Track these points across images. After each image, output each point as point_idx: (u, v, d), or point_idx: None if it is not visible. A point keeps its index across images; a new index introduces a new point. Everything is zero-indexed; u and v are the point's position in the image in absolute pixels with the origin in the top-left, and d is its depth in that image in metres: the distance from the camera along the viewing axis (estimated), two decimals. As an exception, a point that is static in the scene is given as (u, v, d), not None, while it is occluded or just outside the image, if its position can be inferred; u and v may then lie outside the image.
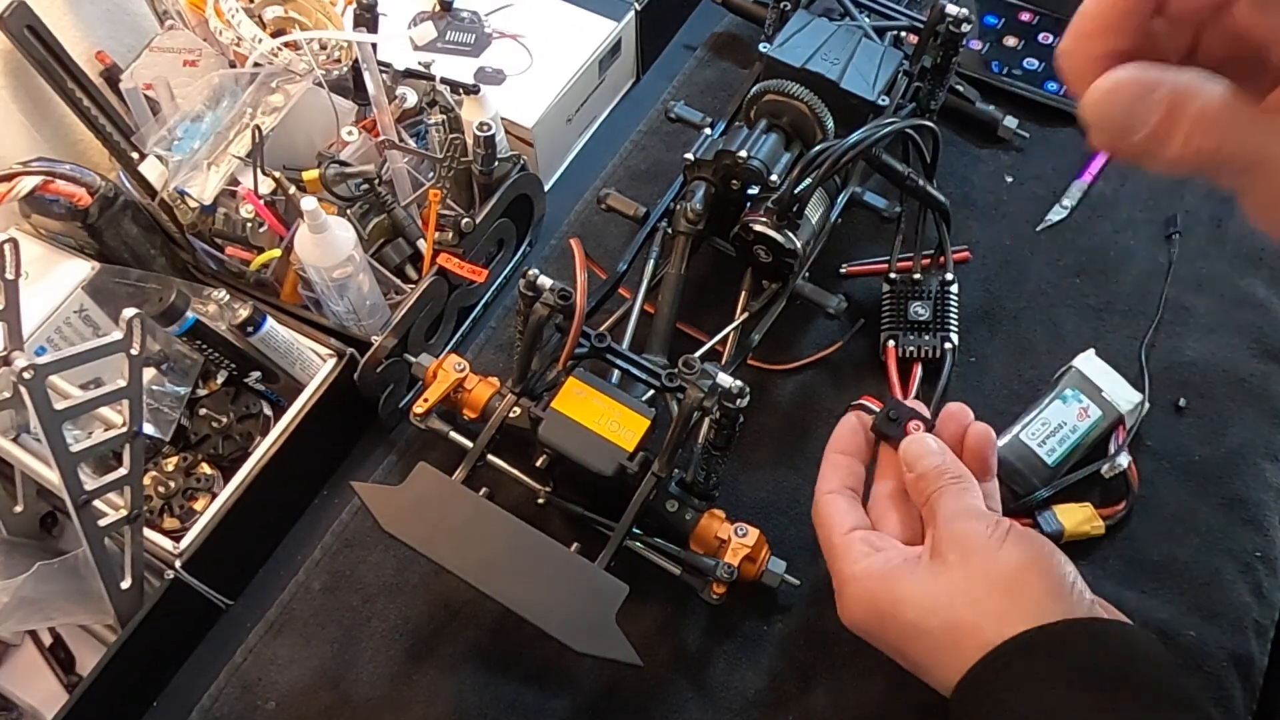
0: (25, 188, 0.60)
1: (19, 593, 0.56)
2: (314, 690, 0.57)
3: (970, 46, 0.81)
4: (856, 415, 0.54)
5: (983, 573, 0.44)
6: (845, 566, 0.48)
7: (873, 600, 0.47)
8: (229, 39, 0.66)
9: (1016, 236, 0.73)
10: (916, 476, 0.50)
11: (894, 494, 0.52)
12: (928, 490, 0.49)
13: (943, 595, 0.45)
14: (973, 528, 0.46)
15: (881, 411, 0.53)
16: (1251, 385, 0.66)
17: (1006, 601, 0.43)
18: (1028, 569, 0.44)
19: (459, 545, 0.50)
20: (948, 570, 0.45)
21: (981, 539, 0.45)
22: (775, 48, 0.64)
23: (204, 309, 0.61)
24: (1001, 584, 0.44)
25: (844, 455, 0.54)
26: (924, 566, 0.46)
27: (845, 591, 0.48)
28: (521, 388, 0.57)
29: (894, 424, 0.52)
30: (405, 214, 0.67)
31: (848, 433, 0.54)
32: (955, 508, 0.47)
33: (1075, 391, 0.61)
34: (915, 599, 0.45)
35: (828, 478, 0.53)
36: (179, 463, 0.62)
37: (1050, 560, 0.45)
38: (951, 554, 0.45)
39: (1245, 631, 0.57)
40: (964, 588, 0.44)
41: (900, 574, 0.46)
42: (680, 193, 0.66)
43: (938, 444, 0.51)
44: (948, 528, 0.47)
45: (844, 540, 0.49)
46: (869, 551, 0.48)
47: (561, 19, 0.79)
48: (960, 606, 0.44)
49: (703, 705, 0.56)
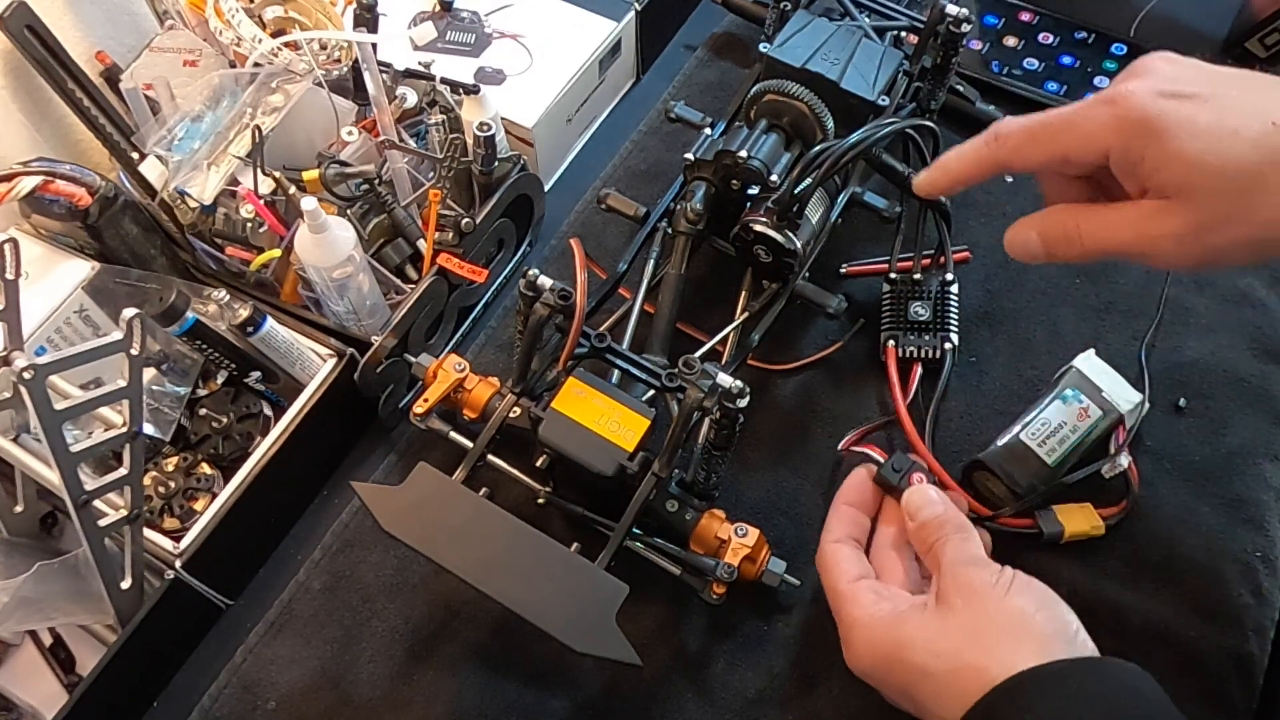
0: (25, 188, 0.60)
1: (19, 593, 0.56)
2: (314, 690, 0.57)
3: (970, 46, 0.81)
4: (865, 469, 0.57)
5: (989, 618, 0.46)
6: (853, 612, 0.50)
7: (880, 644, 0.49)
8: (229, 39, 0.66)
9: (1016, 236, 0.73)
10: (919, 525, 0.52)
11: (896, 543, 0.54)
12: (930, 539, 0.51)
13: (949, 639, 0.46)
14: (978, 575, 0.48)
15: (886, 463, 0.56)
16: (1251, 385, 0.66)
17: (1013, 645, 0.45)
18: (1033, 615, 0.46)
19: (459, 545, 0.50)
20: (954, 615, 0.47)
21: (987, 586, 0.48)
22: (775, 48, 0.64)
23: (204, 309, 0.61)
24: (1008, 629, 0.46)
25: (851, 507, 0.56)
26: (930, 612, 0.48)
27: (852, 637, 0.50)
28: (521, 388, 0.57)
29: (897, 474, 0.55)
30: (405, 214, 0.67)
31: (856, 485, 0.57)
32: (959, 556, 0.50)
33: (1075, 391, 0.61)
34: (922, 642, 0.47)
35: (833, 528, 0.55)
36: (179, 463, 0.62)
37: (1055, 608, 0.47)
38: (957, 600, 0.47)
39: (1245, 631, 0.57)
40: (970, 632, 0.46)
41: (906, 619, 0.48)
42: (680, 193, 0.66)
43: (939, 494, 0.53)
44: (953, 575, 0.49)
45: (850, 588, 0.51)
46: (875, 599, 0.50)
47: (561, 19, 0.79)
48: (967, 650, 0.46)
49: (703, 705, 0.56)
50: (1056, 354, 0.66)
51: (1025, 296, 0.70)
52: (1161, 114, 0.44)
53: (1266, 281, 0.70)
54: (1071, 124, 0.47)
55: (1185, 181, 0.44)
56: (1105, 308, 0.69)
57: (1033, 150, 0.49)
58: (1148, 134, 0.44)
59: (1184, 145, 0.44)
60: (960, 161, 0.52)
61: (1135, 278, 0.70)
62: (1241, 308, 0.69)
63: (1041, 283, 0.71)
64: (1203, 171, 0.44)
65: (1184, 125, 0.44)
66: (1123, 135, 0.45)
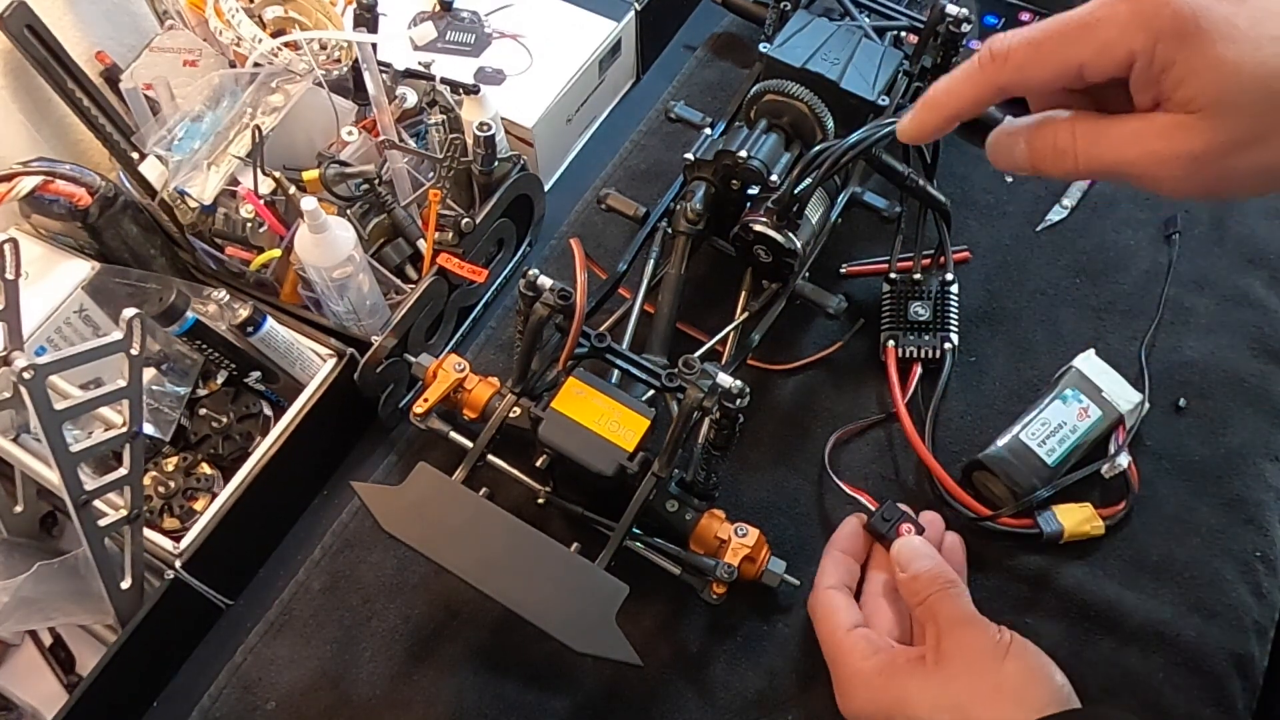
0: (25, 188, 0.60)
1: (19, 593, 0.56)
2: (314, 690, 0.57)
3: (970, 46, 0.81)
4: (856, 518, 0.59)
5: (990, 681, 0.49)
6: (852, 662, 0.52)
7: (879, 696, 0.51)
8: (229, 39, 0.66)
9: (1016, 236, 0.73)
10: (910, 577, 0.54)
11: (885, 591, 0.57)
12: (923, 593, 0.53)
13: (952, 697, 0.49)
14: (978, 638, 0.50)
15: (877, 512, 0.58)
16: (1251, 385, 0.66)
17: (1013, 707, 0.47)
18: (1031, 680, 0.49)
19: (459, 545, 0.50)
20: (956, 677, 0.49)
21: (988, 650, 0.50)
22: (775, 48, 0.64)
23: (204, 309, 0.61)
24: (1007, 692, 0.48)
25: (844, 554, 0.58)
26: (931, 670, 0.50)
27: (850, 688, 0.52)
28: (521, 388, 0.57)
29: (886, 524, 0.57)
30: (405, 214, 0.67)
31: (848, 534, 0.59)
32: (954, 614, 0.52)
33: (1075, 391, 0.61)
34: (927, 699, 0.49)
35: (828, 573, 0.57)
36: (179, 463, 0.62)
37: (1048, 670, 0.49)
38: (958, 661, 0.50)
39: (1245, 631, 0.58)
40: (973, 693, 0.49)
41: (908, 673, 0.50)
42: (680, 193, 0.66)
43: (927, 547, 0.55)
44: (952, 635, 0.51)
45: (848, 638, 0.53)
46: (871, 650, 0.52)
47: (561, 19, 0.79)
48: (970, 707, 0.48)
49: (703, 705, 0.56)
50: (1056, 354, 0.66)
51: (1025, 296, 0.70)
52: (1196, 13, 0.37)
53: (1266, 281, 0.70)
54: (1086, 29, 0.40)
55: (1218, 94, 0.38)
56: (1105, 308, 0.69)
57: (1039, 66, 0.41)
58: (1180, 36, 0.38)
59: (1222, 51, 0.37)
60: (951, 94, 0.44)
61: (1135, 278, 0.70)
62: (1241, 308, 0.69)
63: (1041, 283, 0.71)
64: (1239, 82, 0.37)
65: (1221, 27, 0.37)
66: (1149, 37, 0.38)
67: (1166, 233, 0.72)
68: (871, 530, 0.58)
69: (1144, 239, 0.72)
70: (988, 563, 0.60)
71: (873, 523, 0.58)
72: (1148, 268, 0.71)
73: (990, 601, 0.54)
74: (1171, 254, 0.71)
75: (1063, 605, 0.58)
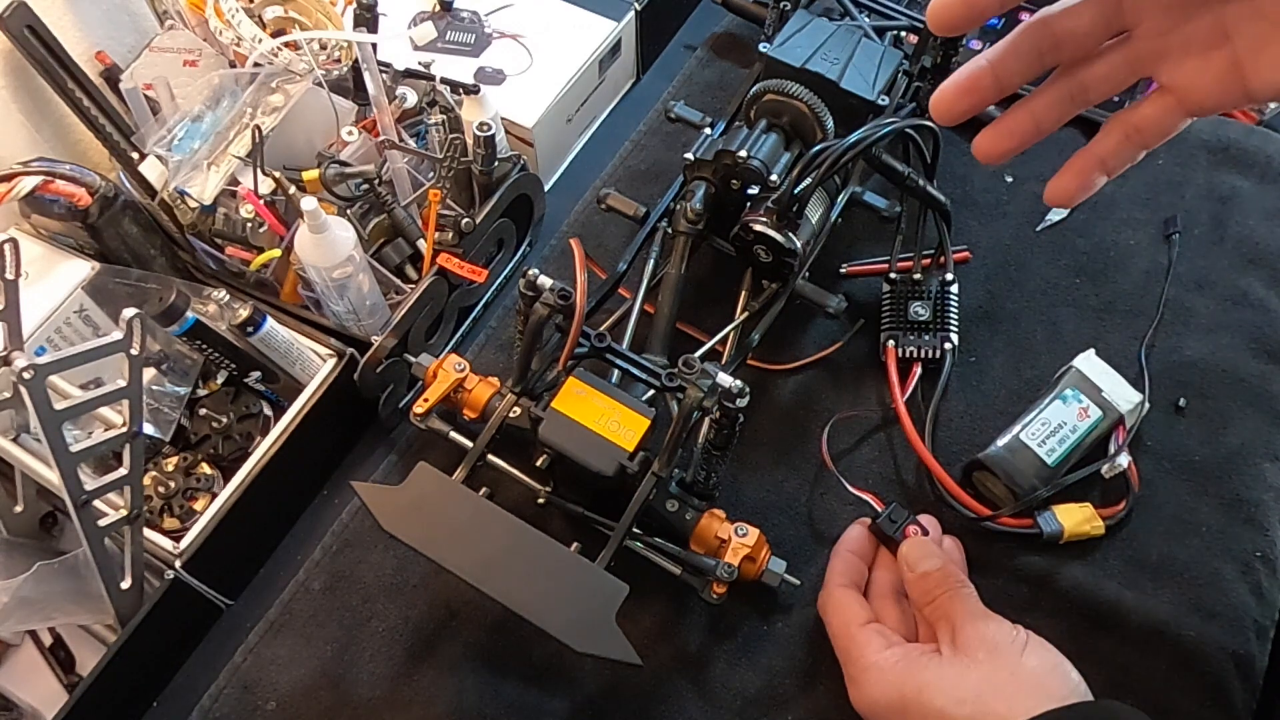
0: (25, 188, 0.60)
1: (19, 593, 0.56)
2: (314, 690, 0.57)
3: (970, 46, 0.81)
4: (862, 522, 0.60)
5: (1009, 673, 0.49)
6: (868, 655, 0.52)
7: (896, 687, 0.51)
8: (229, 39, 0.66)
9: (1016, 236, 0.73)
10: (919, 576, 0.54)
11: (890, 591, 0.57)
12: (934, 593, 0.53)
13: (972, 687, 0.49)
14: (997, 632, 0.51)
15: (883, 514, 0.58)
16: (1251, 385, 0.66)
17: (1033, 700, 0.47)
18: (1049, 675, 0.50)
19: (459, 545, 0.50)
20: (977, 667, 0.50)
21: (1007, 643, 0.50)
22: (775, 48, 0.64)
23: (204, 309, 0.61)
24: (1026, 685, 0.49)
25: (853, 554, 0.58)
26: (949, 661, 0.51)
27: (865, 678, 0.52)
28: (521, 388, 0.57)
29: (893, 525, 0.57)
30: (405, 214, 0.67)
31: (856, 535, 0.59)
32: (970, 610, 0.52)
33: (1075, 391, 0.61)
34: (945, 689, 0.49)
35: (839, 572, 0.57)
36: (179, 463, 0.62)
37: (1064, 668, 0.50)
38: (980, 652, 0.50)
39: (1245, 631, 0.58)
40: (993, 683, 0.49)
41: (924, 665, 0.51)
42: (680, 193, 0.66)
43: (935, 547, 0.56)
44: (969, 628, 0.51)
45: (863, 632, 0.53)
46: (885, 644, 0.53)
47: (561, 19, 0.79)
48: (989, 698, 0.48)
49: (703, 705, 0.56)
50: (1056, 354, 0.66)
51: (1025, 296, 0.70)
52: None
53: (1266, 281, 0.70)
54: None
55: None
56: (1105, 308, 0.69)
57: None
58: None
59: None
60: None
61: (1135, 278, 0.70)
62: (1241, 308, 0.69)
63: (1041, 283, 0.71)
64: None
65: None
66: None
67: (1166, 233, 0.72)
68: (877, 532, 0.58)
69: (1144, 239, 0.72)
70: (988, 563, 0.59)
71: (879, 524, 0.58)
72: (1148, 268, 0.71)
73: (990, 602, 0.53)
74: (1171, 254, 0.71)
75: (1063, 605, 0.58)
